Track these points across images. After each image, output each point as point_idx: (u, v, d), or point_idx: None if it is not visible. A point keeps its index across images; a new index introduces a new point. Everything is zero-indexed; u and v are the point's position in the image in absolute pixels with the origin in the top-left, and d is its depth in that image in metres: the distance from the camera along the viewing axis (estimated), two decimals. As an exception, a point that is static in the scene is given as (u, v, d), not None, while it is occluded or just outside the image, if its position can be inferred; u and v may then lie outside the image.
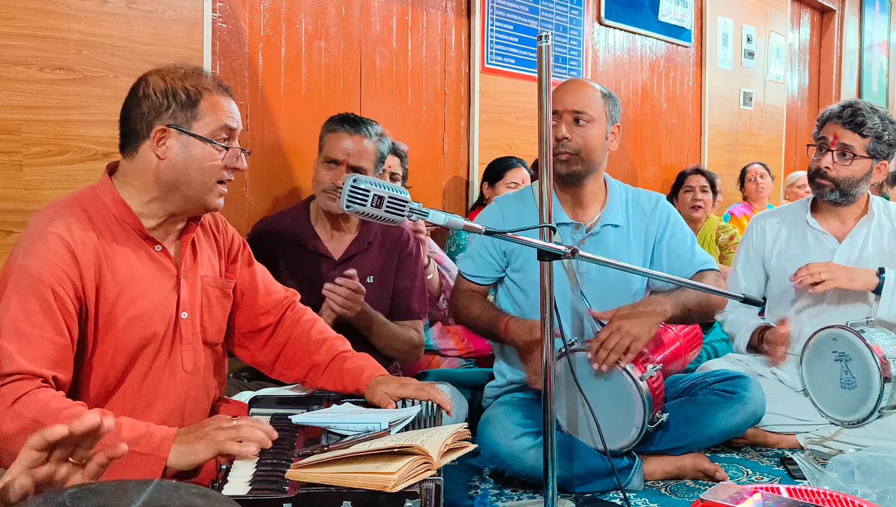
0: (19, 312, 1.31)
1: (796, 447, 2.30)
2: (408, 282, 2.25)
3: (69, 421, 1.15)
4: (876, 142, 2.34)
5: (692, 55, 4.77)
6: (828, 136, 2.39)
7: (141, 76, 1.51)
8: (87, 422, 0.94)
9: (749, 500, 1.37)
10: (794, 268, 2.41)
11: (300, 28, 2.77)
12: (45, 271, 1.33)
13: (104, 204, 1.45)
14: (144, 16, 2.27)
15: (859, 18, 6.52)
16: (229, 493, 1.13)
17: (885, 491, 1.75)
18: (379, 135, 2.16)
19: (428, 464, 1.17)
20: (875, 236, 2.41)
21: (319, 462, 1.20)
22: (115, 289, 1.42)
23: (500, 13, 3.52)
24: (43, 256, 1.34)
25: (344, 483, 1.14)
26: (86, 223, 1.42)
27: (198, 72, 1.52)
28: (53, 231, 1.37)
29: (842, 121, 2.36)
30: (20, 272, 1.33)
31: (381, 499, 1.12)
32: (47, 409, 1.25)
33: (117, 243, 1.44)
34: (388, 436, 1.29)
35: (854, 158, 2.35)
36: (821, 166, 2.39)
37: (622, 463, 1.97)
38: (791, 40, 5.87)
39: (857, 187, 2.38)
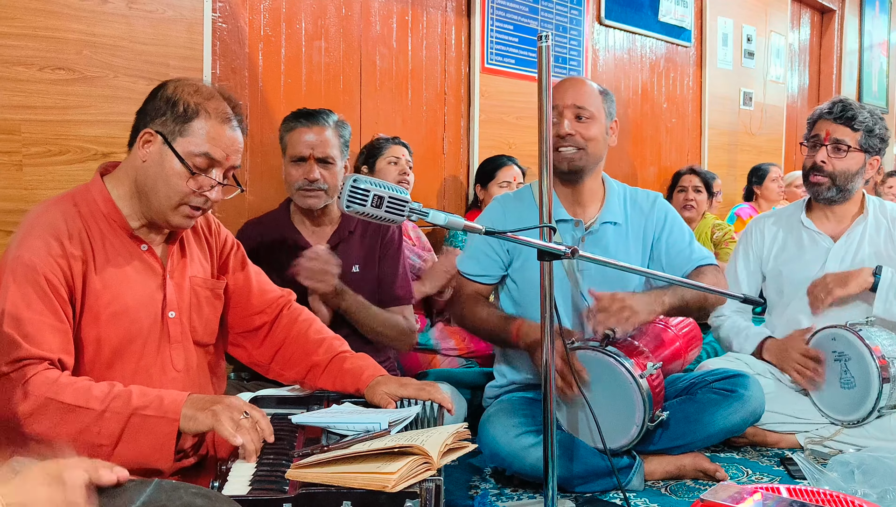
0: (19, 300, 1.34)
1: (796, 447, 2.30)
2: (391, 268, 2.24)
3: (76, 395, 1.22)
4: (867, 136, 2.37)
5: (692, 55, 4.77)
6: (820, 132, 2.41)
7: (165, 81, 1.51)
8: (104, 480, 0.97)
9: (749, 500, 1.37)
10: (790, 269, 2.41)
11: (300, 28, 2.77)
12: (37, 260, 1.37)
13: (94, 201, 1.48)
14: (144, 16, 2.27)
15: (859, 18, 6.52)
16: (229, 493, 1.13)
17: (885, 491, 1.75)
18: (337, 122, 2.16)
19: (428, 464, 1.17)
20: (871, 235, 2.41)
21: (319, 462, 1.20)
22: (100, 283, 1.44)
23: (500, 13, 3.53)
24: (35, 246, 1.38)
25: (344, 483, 1.14)
26: (75, 217, 1.45)
27: (216, 94, 1.49)
28: (44, 222, 1.41)
29: (832, 116, 2.39)
30: (15, 263, 1.37)
31: (381, 499, 1.12)
32: (57, 386, 1.30)
33: (105, 240, 1.47)
34: (388, 436, 1.29)
35: (848, 150, 2.37)
36: (816, 161, 2.40)
37: (622, 463, 1.97)
38: (791, 40, 5.87)
39: (852, 182, 2.39)
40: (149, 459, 1.31)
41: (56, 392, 1.29)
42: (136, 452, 1.30)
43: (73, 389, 1.31)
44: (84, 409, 1.29)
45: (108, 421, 1.30)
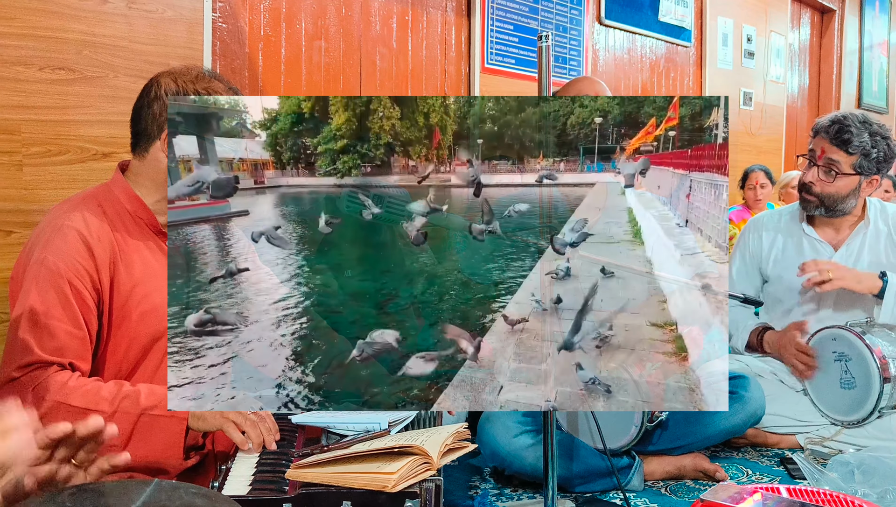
0: (38, 304, 1.34)
1: (796, 447, 2.30)
2: None
3: (86, 398, 1.18)
4: (863, 159, 2.29)
5: (692, 55, 4.77)
6: (816, 149, 2.36)
7: (152, 78, 1.51)
8: (90, 424, 0.96)
9: (749, 500, 1.36)
10: (790, 276, 2.39)
11: (300, 28, 2.77)
12: (62, 264, 1.36)
13: (118, 200, 1.48)
14: (144, 16, 2.27)
15: (859, 18, 6.51)
16: (229, 493, 1.13)
17: (885, 491, 1.75)
18: None
19: (428, 464, 1.17)
20: (871, 244, 2.39)
21: (319, 462, 1.20)
22: (129, 283, 1.45)
23: (500, 13, 3.52)
24: (61, 249, 1.37)
25: (344, 483, 1.14)
26: (101, 218, 1.44)
27: (208, 74, 1.52)
28: (70, 225, 1.40)
29: (829, 136, 2.31)
30: (38, 265, 1.36)
31: (381, 499, 1.12)
32: (66, 388, 1.31)
33: (131, 238, 1.47)
34: (388, 436, 1.29)
35: (837, 175, 2.30)
36: (805, 181, 2.37)
37: (622, 463, 1.97)
38: (791, 40, 5.87)
39: (843, 204, 2.35)
40: (158, 458, 1.32)
41: (66, 396, 1.30)
42: (146, 451, 1.31)
43: (83, 391, 1.31)
44: (94, 411, 1.30)
45: (118, 422, 1.30)
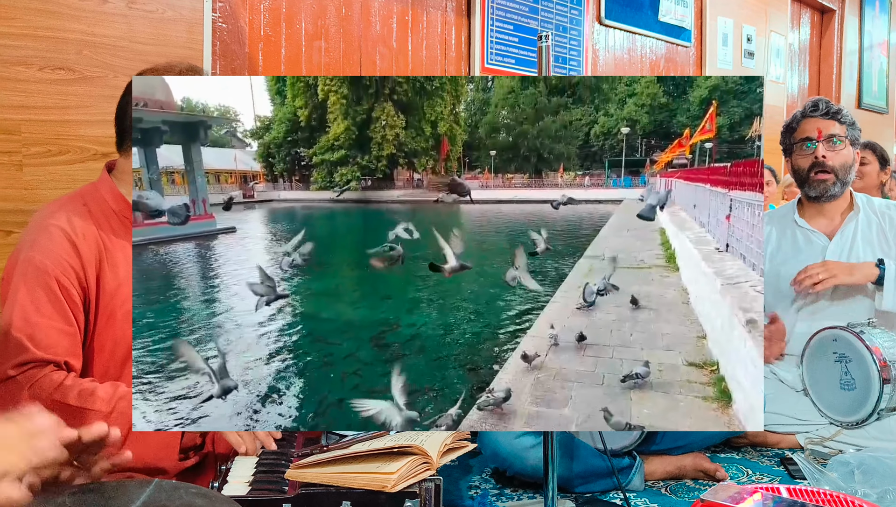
0: (28, 303, 1.35)
1: (796, 447, 2.29)
2: None
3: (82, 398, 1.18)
4: (851, 128, 2.43)
5: (692, 55, 4.76)
6: (810, 132, 2.43)
7: (135, 75, 1.52)
8: (94, 431, 0.97)
9: (749, 500, 1.36)
10: (788, 269, 2.41)
11: (300, 28, 2.77)
12: (49, 262, 1.37)
13: (104, 200, 1.49)
14: (144, 16, 2.27)
15: (859, 18, 6.51)
16: (229, 493, 1.13)
17: (885, 491, 1.75)
18: None
19: (427, 464, 1.17)
20: (864, 231, 2.43)
21: (319, 462, 1.20)
22: (115, 282, 1.45)
23: (500, 13, 3.52)
24: (47, 247, 1.38)
25: (343, 483, 1.14)
26: (86, 217, 1.45)
27: (193, 71, 1.53)
28: (55, 224, 1.41)
29: (819, 113, 2.43)
30: (26, 264, 1.37)
31: (381, 499, 1.12)
32: (63, 388, 1.32)
33: (117, 237, 1.47)
34: (388, 436, 1.29)
35: (844, 141, 2.41)
36: (818, 157, 2.41)
37: (623, 463, 1.97)
38: (791, 40, 5.87)
39: (850, 174, 2.44)
40: (154, 458, 1.32)
41: (62, 395, 1.30)
42: (142, 451, 1.31)
43: (78, 391, 1.32)
44: (90, 411, 1.30)
45: (115, 423, 1.30)
